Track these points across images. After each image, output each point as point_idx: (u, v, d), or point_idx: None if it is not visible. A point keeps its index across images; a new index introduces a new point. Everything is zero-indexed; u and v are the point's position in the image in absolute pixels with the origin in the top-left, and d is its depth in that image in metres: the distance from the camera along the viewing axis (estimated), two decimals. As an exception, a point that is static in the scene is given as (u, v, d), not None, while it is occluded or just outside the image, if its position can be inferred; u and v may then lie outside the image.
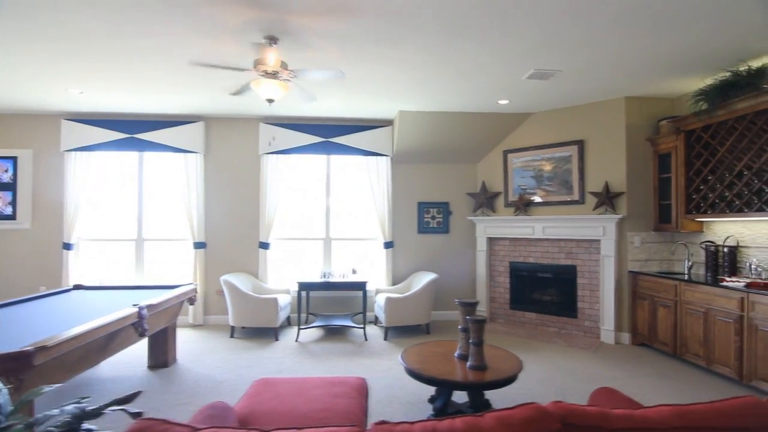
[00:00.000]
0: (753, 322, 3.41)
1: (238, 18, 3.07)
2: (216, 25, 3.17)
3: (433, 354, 3.20)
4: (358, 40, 3.40)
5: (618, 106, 4.91)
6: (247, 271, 5.69)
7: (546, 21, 3.10)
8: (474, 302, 3.08)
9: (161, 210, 5.73)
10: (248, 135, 5.73)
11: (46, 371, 2.41)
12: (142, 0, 2.80)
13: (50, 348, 2.29)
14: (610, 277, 4.86)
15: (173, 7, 2.91)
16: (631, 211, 4.86)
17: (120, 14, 2.99)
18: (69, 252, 5.41)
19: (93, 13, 2.97)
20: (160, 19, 3.07)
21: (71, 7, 2.89)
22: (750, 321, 3.44)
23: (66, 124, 5.38)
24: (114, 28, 3.19)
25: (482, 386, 2.81)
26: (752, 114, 3.73)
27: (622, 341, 4.83)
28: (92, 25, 3.14)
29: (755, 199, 3.73)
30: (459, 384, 2.78)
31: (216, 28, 3.22)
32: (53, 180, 5.45)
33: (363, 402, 2.30)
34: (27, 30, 3.22)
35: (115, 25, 3.14)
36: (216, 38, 3.35)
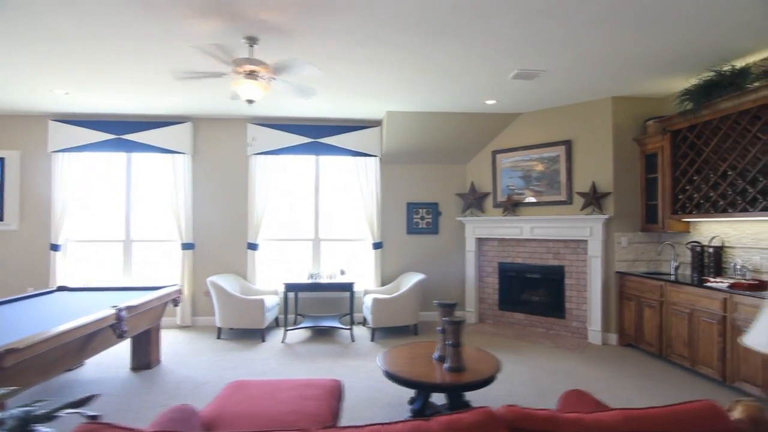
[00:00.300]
0: (735, 322, 3.40)
1: (213, 24, 3.07)
2: (192, 30, 3.16)
3: (412, 355, 3.19)
4: (337, 40, 3.39)
5: (605, 106, 4.90)
6: (236, 272, 5.68)
7: (525, 21, 3.09)
8: (452, 303, 3.06)
9: (149, 211, 5.72)
10: (236, 136, 5.72)
11: (20, 373, 2.40)
12: (118, 2, 2.79)
13: (21, 350, 2.28)
14: (597, 277, 4.84)
15: (149, 16, 2.91)
16: (618, 211, 4.85)
17: (98, 16, 2.98)
18: (56, 253, 5.40)
19: (71, 15, 2.96)
20: (139, 22, 3.07)
21: (49, 9, 2.88)
22: (733, 322, 3.42)
23: (53, 125, 5.37)
24: (93, 29, 3.19)
25: (458, 388, 2.80)
26: (736, 114, 3.72)
27: (610, 342, 4.82)
28: (70, 26, 3.13)
29: (739, 199, 3.72)
30: (435, 386, 2.77)
31: (193, 32, 3.21)
32: (41, 181, 5.44)
33: (334, 404, 2.29)
34: (7, 31, 3.21)
35: (94, 26, 3.14)
36: (195, 40, 3.34)
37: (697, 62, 3.84)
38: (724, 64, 3.76)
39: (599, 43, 3.46)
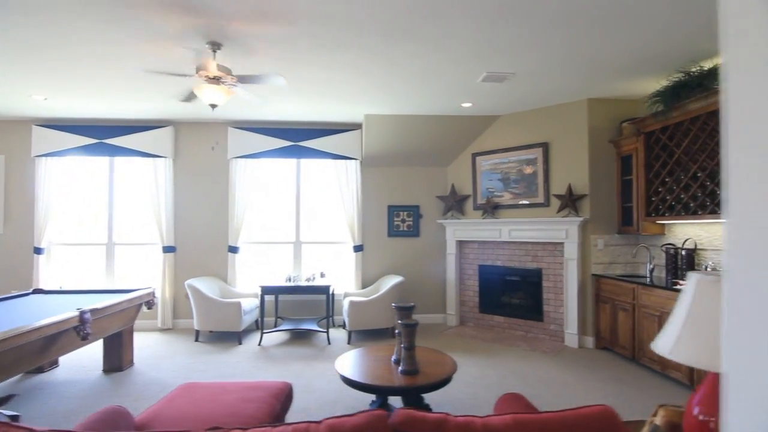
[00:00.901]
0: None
1: (176, 24, 3.10)
2: (157, 31, 3.20)
3: (373, 358, 3.20)
4: (301, 44, 3.42)
5: (581, 107, 4.88)
6: (216, 275, 5.71)
7: (486, 23, 3.09)
8: (410, 306, 3.06)
9: (131, 214, 5.78)
10: (217, 139, 5.76)
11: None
12: (75, 9, 2.84)
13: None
14: (573, 280, 4.82)
15: (110, 15, 2.95)
16: (595, 213, 4.82)
17: (62, 23, 3.03)
18: (40, 256, 5.47)
19: (36, 21, 3.01)
20: (102, 27, 3.11)
21: (13, 19, 2.94)
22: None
23: (36, 130, 5.45)
24: (61, 35, 3.23)
25: (410, 390, 2.80)
26: (705, 115, 3.69)
27: (586, 345, 4.78)
28: (38, 33, 3.18)
29: (708, 201, 3.69)
30: (387, 389, 2.77)
31: (158, 35, 3.25)
32: (24, 185, 5.52)
33: (276, 406, 2.30)
34: (-27, 38, 3.28)
35: (62, 32, 3.18)
36: (160, 45, 3.38)
37: (666, 63, 3.82)
38: (692, 66, 3.74)
39: (560, 45, 3.45)
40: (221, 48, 3.42)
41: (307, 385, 3.71)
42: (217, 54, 3.45)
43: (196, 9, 2.87)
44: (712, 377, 1.33)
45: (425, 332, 5.44)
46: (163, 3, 2.81)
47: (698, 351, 1.30)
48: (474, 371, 4.04)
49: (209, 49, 3.39)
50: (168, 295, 5.59)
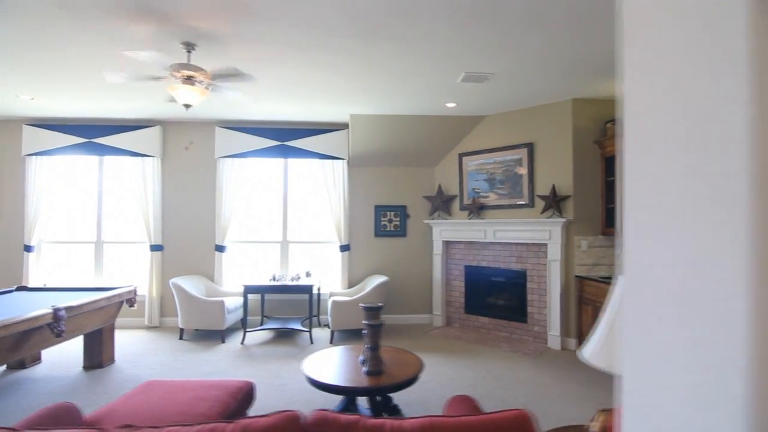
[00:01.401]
0: (676, 329, 3.32)
1: (146, 28, 3.13)
2: (129, 35, 3.23)
3: (341, 359, 3.20)
4: (273, 44, 3.43)
5: (566, 108, 4.84)
6: (203, 274, 5.75)
7: (458, 24, 3.08)
8: (378, 306, 3.06)
9: (120, 213, 5.84)
10: (205, 139, 5.81)
11: None
12: (51, 12, 2.88)
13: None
14: (556, 281, 4.78)
15: (84, 20, 2.99)
16: (578, 214, 4.78)
17: (42, 25, 3.07)
18: (30, 254, 5.55)
19: (17, 23, 3.04)
20: (76, 29, 3.15)
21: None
22: (673, 328, 3.35)
23: (27, 129, 5.53)
24: (42, 37, 3.26)
25: (374, 391, 2.80)
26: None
27: (569, 347, 4.74)
28: (20, 34, 3.22)
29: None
30: (350, 389, 2.77)
31: (132, 39, 3.29)
32: (15, 184, 5.61)
33: (231, 405, 2.32)
34: (-49, 40, 3.33)
35: (42, 34, 3.21)
36: (134, 47, 3.41)
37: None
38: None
39: (539, 45, 3.43)
40: (195, 48, 3.45)
41: (282, 384, 3.73)
42: (192, 54, 3.48)
43: (165, 13, 2.89)
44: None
45: (410, 332, 5.44)
46: (131, 8, 2.84)
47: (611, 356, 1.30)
48: (451, 372, 4.03)
49: (184, 50, 3.42)
50: (155, 293, 5.64)
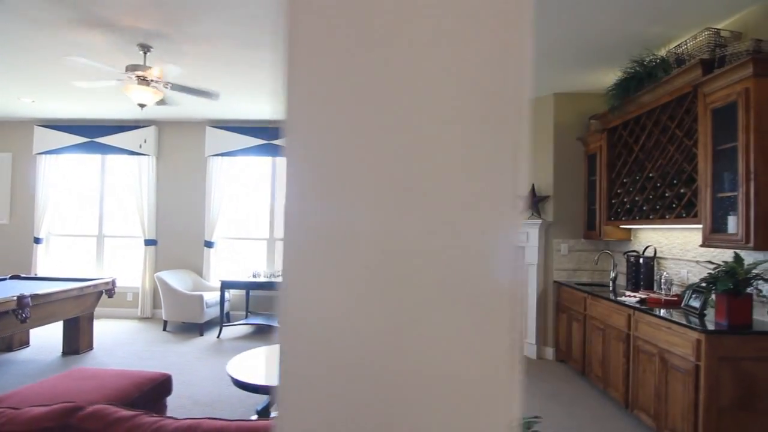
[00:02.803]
0: (636, 342, 3.05)
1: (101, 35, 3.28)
2: (89, 42, 3.40)
3: (268, 357, 3.18)
4: (223, 44, 3.48)
5: (547, 103, 4.58)
6: (192, 269, 5.95)
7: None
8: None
9: (119, 209, 6.17)
10: (196, 138, 6.01)
11: None
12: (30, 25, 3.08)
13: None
14: (533, 287, 4.52)
15: (52, 30, 3.18)
16: (559, 216, 4.50)
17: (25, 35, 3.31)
18: (39, 246, 5.98)
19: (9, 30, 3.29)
20: (49, 39, 3.35)
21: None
22: (634, 341, 3.07)
23: (38, 130, 5.96)
24: (26, 45, 3.51)
25: None
26: (659, 108, 3.34)
27: (546, 356, 4.48)
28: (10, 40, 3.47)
29: (659, 204, 3.33)
30: (263, 388, 2.74)
31: (92, 45, 3.45)
32: (27, 180, 6.06)
33: (133, 394, 2.37)
34: (-61, 47, 3.65)
35: (27, 43, 3.46)
36: (95, 52, 3.57)
37: (626, 52, 3.47)
38: (647, 54, 3.39)
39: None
40: (151, 50, 3.57)
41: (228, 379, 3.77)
42: (150, 55, 3.60)
43: (106, 18, 3.01)
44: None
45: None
46: (80, 18, 2.99)
47: None
48: (407, 376, 3.91)
49: (140, 51, 3.54)
50: (148, 286, 5.90)
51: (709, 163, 2.75)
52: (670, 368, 2.67)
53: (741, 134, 2.49)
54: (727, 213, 2.63)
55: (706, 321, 2.59)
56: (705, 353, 2.38)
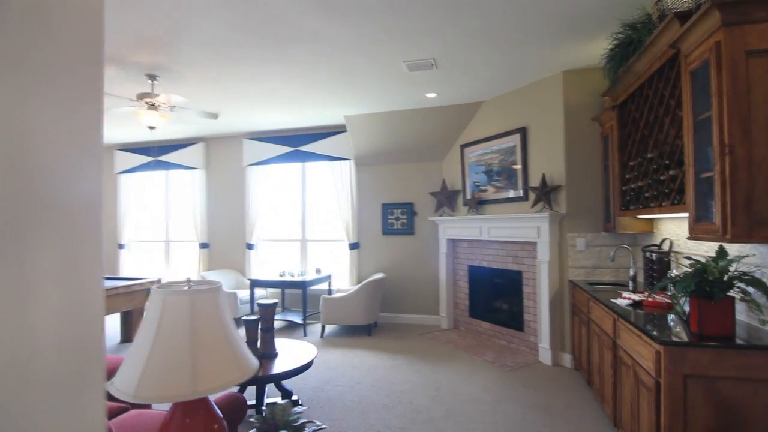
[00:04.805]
0: (619, 351, 2.63)
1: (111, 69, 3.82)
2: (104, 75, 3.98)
3: None
4: (208, 64, 3.80)
5: (555, 83, 4.13)
6: (237, 269, 6.55)
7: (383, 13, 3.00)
8: (272, 304, 3.19)
9: (180, 218, 7.04)
10: (235, 150, 6.60)
11: None
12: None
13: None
14: (545, 286, 4.11)
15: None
16: (573, 208, 4.03)
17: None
18: (122, 251, 7.12)
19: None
20: None
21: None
22: (617, 350, 2.65)
23: (117, 153, 7.10)
24: None
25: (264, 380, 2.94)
26: (655, 75, 2.83)
27: (563, 363, 4.04)
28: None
29: (656, 190, 2.82)
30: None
31: (106, 78, 4.04)
32: (111, 196, 7.25)
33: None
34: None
35: None
36: (111, 82, 4.15)
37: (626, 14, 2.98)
38: (638, 13, 2.89)
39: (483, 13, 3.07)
40: (157, 78, 4.05)
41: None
42: (157, 83, 4.10)
43: (111, 56, 3.51)
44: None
45: (405, 332, 5.29)
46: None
47: (169, 382, 1.14)
48: (398, 377, 3.86)
49: (147, 80, 4.05)
50: (202, 284, 6.64)
51: (690, 137, 2.27)
52: (640, 384, 2.27)
53: (714, 99, 2.02)
54: (709, 197, 2.14)
55: (681, 331, 2.15)
56: (665, 369, 1.98)
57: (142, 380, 1.13)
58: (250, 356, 1.34)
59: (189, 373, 1.15)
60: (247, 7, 2.82)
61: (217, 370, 1.20)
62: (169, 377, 1.14)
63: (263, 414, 1.41)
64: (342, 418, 3.07)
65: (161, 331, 1.18)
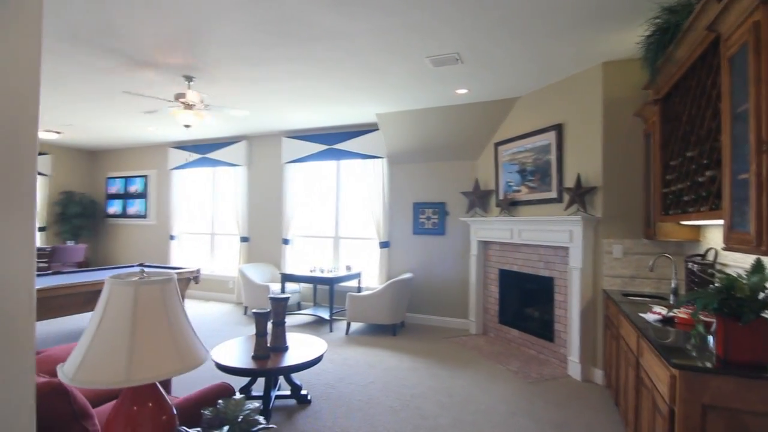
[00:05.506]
0: (641, 372, 2.37)
1: (149, 72, 4.08)
2: (144, 78, 4.26)
3: (248, 345, 3.39)
4: (234, 64, 3.93)
5: (593, 75, 3.82)
6: (273, 263, 6.77)
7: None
8: (285, 298, 3.24)
9: (224, 212, 7.40)
10: (274, 148, 6.81)
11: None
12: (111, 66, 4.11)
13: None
14: (577, 295, 3.82)
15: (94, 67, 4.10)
16: (610, 211, 3.71)
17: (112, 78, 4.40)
18: (173, 241, 7.63)
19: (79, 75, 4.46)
20: (122, 76, 4.33)
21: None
22: (640, 370, 2.39)
23: (171, 151, 7.61)
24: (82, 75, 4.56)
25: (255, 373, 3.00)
26: (698, 63, 2.51)
27: (594, 379, 3.73)
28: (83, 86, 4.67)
29: (695, 192, 2.50)
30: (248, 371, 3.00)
31: (146, 80, 4.31)
32: (165, 191, 7.79)
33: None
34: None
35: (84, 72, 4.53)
36: (147, 85, 4.42)
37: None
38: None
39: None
40: (193, 80, 4.27)
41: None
42: (191, 84, 4.32)
43: (146, 60, 3.76)
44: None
45: (431, 335, 5.16)
46: (129, 62, 3.80)
47: (104, 368, 1.16)
48: (413, 380, 3.76)
49: (184, 81, 4.28)
50: (239, 276, 6.94)
51: (728, 133, 1.98)
52: (656, 411, 2.02)
53: (751, 88, 1.74)
54: (746, 202, 1.85)
55: (704, 354, 1.88)
56: (680, 396, 1.75)
57: (81, 365, 1.17)
58: (198, 350, 1.34)
59: (125, 361, 1.17)
60: (261, 7, 2.87)
61: (155, 360, 1.21)
62: (105, 364, 1.17)
63: (217, 407, 1.42)
64: (345, 416, 3.05)
65: (104, 320, 1.22)
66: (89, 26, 3.17)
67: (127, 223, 8.31)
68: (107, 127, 6.57)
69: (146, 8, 2.89)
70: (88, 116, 5.92)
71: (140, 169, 8.17)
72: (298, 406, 3.22)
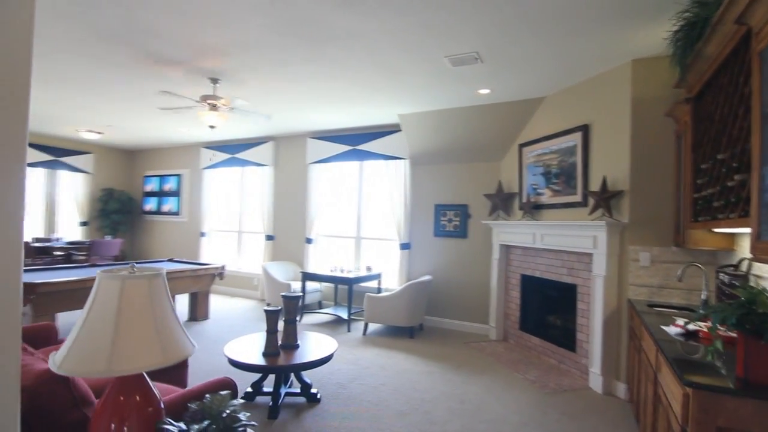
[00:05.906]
0: (658, 389, 2.23)
1: (176, 71, 4.24)
2: (170, 76, 4.41)
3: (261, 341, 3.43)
4: (256, 66, 4.02)
5: (622, 73, 3.64)
6: (296, 261, 6.87)
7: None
8: (297, 296, 3.27)
9: (250, 211, 7.59)
10: (300, 149, 6.92)
11: (51, 300, 4.07)
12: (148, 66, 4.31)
13: (51, 284, 3.99)
14: (600, 304, 3.64)
15: (128, 68, 4.27)
16: (637, 217, 3.51)
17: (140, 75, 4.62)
18: (203, 238, 7.90)
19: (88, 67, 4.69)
20: (155, 76, 4.51)
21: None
22: (658, 386, 2.25)
23: (203, 151, 7.89)
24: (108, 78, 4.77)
25: (265, 369, 3.05)
26: (731, 60, 2.34)
27: (616, 393, 3.54)
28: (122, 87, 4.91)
29: (725, 197, 2.32)
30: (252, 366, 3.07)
31: (172, 79, 4.47)
32: (196, 189, 8.07)
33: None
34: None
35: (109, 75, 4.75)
36: (174, 84, 4.57)
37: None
38: (711, -14, 2.41)
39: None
40: (219, 82, 4.40)
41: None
42: (217, 86, 4.45)
43: (179, 59, 3.90)
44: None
45: (449, 338, 5.08)
46: (157, 59, 3.96)
47: (87, 358, 1.20)
48: (425, 385, 3.71)
49: (210, 83, 4.42)
50: (263, 273, 7.09)
51: (758, 133, 1.83)
52: (670, 430, 1.89)
53: (781, 85, 1.60)
54: (775, 209, 1.70)
55: (722, 373, 1.74)
56: (692, 416, 1.63)
57: (68, 354, 1.21)
58: (183, 344, 1.37)
59: (107, 352, 1.21)
60: (275, 10, 2.92)
61: (137, 353, 1.24)
62: (88, 354, 1.21)
63: (203, 402, 1.44)
64: (353, 417, 3.04)
65: (91, 312, 1.26)
66: (129, 27, 3.29)
67: (161, 220, 8.69)
68: (142, 127, 6.89)
69: (173, 10, 3.00)
70: (125, 117, 6.22)
71: (174, 168, 8.52)
72: (307, 405, 3.24)
